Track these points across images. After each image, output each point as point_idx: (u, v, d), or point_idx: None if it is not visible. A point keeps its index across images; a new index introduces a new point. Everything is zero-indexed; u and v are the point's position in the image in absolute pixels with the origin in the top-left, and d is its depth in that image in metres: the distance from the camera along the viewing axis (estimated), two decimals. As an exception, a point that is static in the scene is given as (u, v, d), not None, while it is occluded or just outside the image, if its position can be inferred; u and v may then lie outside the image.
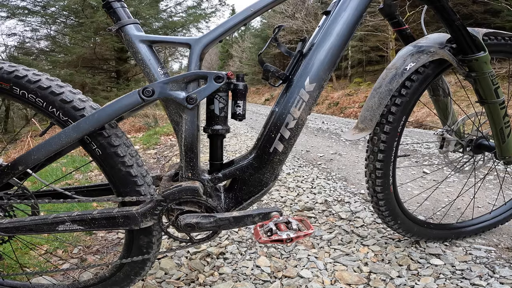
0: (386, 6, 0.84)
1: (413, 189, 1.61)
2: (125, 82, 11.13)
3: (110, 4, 0.63)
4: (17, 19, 9.83)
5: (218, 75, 0.56)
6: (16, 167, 0.53)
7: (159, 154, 3.10)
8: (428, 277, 0.85)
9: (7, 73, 0.55)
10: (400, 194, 1.54)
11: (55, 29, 10.59)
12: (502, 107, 0.79)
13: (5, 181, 0.55)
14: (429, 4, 0.77)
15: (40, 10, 9.83)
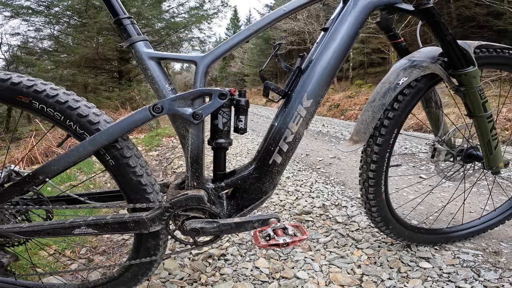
0: (383, 20, 0.88)
1: (409, 194, 1.65)
2: (127, 82, 11.17)
3: (120, 21, 0.68)
4: (20, 19, 9.90)
5: (222, 92, 0.61)
6: (37, 177, 0.58)
7: (161, 156, 3.15)
8: (417, 279, 0.90)
9: (26, 87, 0.60)
10: (396, 198, 1.59)
11: (59, 29, 10.65)
12: (490, 121, 0.84)
13: (26, 189, 0.60)
14: (423, 19, 0.81)
15: (43, 10, 9.90)
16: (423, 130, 5.09)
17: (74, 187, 2.04)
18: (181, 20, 11.95)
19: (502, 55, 0.90)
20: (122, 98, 9.86)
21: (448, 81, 0.79)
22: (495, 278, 0.89)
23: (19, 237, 0.61)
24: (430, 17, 0.79)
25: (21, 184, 0.59)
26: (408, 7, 0.80)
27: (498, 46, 0.89)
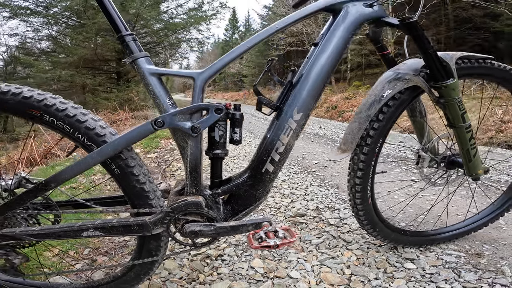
0: (372, 33, 0.94)
1: (400, 197, 1.71)
2: (125, 83, 11.17)
3: (123, 38, 0.73)
4: (19, 19, 9.90)
5: (218, 107, 0.67)
6: (49, 185, 0.64)
7: (160, 158, 3.20)
8: (401, 279, 0.96)
9: (37, 102, 0.65)
10: (388, 201, 1.65)
11: (57, 29, 10.64)
12: (468, 131, 0.90)
13: (39, 195, 0.66)
14: (407, 32, 0.86)
15: (42, 11, 9.90)
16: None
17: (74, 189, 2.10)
18: (180, 21, 11.97)
19: (484, 65, 0.94)
20: (120, 99, 9.86)
21: (430, 93, 0.85)
22: (475, 279, 0.95)
23: (31, 239, 0.66)
24: (413, 31, 0.84)
25: (34, 191, 0.64)
26: (394, 21, 0.86)
27: (479, 57, 0.94)
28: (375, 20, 0.86)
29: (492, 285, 0.92)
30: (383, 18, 0.86)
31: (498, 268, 1.01)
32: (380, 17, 0.85)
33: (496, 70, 0.96)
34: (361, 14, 0.82)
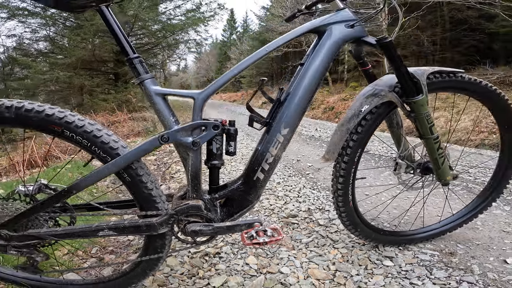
0: (354, 50, 1.05)
1: (386, 198, 1.83)
2: (123, 84, 11.21)
3: (131, 60, 0.83)
4: (17, 20, 9.92)
5: (215, 124, 0.78)
6: (71, 191, 0.74)
7: (159, 160, 3.30)
8: (379, 275, 1.07)
9: (58, 119, 0.75)
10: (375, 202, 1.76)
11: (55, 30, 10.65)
12: (436, 142, 1.01)
13: (61, 201, 0.76)
14: (382, 51, 0.95)
15: (40, 12, 9.92)
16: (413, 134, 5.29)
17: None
18: (178, 22, 12.02)
19: (455, 79, 1.02)
20: (119, 100, 9.90)
21: (402, 107, 0.95)
22: (444, 277, 1.06)
23: (54, 239, 0.76)
24: (387, 50, 0.94)
25: (58, 196, 0.75)
26: (372, 41, 0.95)
27: (450, 71, 1.02)
28: (355, 40, 0.97)
29: (459, 283, 1.03)
30: (362, 38, 0.96)
31: (468, 267, 1.12)
32: (360, 37, 0.96)
33: (466, 83, 1.04)
34: (343, 34, 0.93)
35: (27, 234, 0.76)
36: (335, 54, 0.93)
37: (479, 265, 1.12)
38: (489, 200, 1.25)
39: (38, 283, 0.96)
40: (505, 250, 1.23)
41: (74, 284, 0.97)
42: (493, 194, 1.25)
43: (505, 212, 1.61)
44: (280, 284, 1.06)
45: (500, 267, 1.11)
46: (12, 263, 1.10)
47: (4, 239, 0.76)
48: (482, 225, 1.45)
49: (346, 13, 0.95)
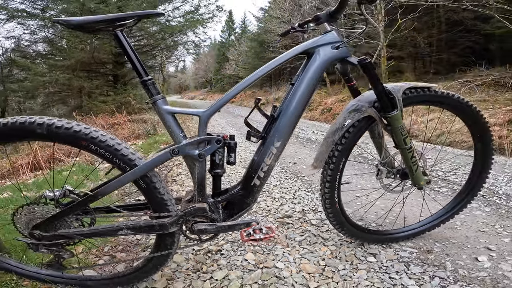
0: (340, 68, 1.17)
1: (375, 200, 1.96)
2: (122, 86, 11.28)
3: (145, 82, 0.96)
4: (16, 22, 9.98)
5: (218, 139, 0.91)
6: (97, 196, 0.87)
7: (161, 163, 3.42)
8: (363, 270, 1.20)
9: (85, 134, 0.88)
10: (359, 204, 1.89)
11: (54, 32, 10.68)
12: (409, 151, 1.14)
13: (88, 205, 0.89)
14: (362, 70, 1.06)
15: (39, 13, 9.99)
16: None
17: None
18: (176, 24, 12.11)
19: (429, 93, 1.15)
20: (118, 102, 9.96)
21: (380, 121, 1.09)
22: (419, 272, 1.19)
23: (81, 238, 0.89)
24: (367, 69, 1.06)
25: (86, 200, 0.88)
26: (354, 61, 1.07)
27: (424, 86, 1.14)
28: (340, 60, 1.09)
29: (432, 277, 1.16)
30: (346, 58, 1.08)
31: (442, 263, 1.25)
32: (344, 57, 1.08)
33: (440, 97, 1.16)
34: (329, 56, 1.06)
35: (58, 234, 0.89)
36: (322, 74, 1.06)
37: (452, 262, 1.25)
38: (464, 202, 1.39)
39: (61, 279, 1.08)
40: (478, 248, 1.36)
41: (92, 279, 1.09)
42: (468, 196, 1.38)
43: (484, 213, 1.75)
44: (275, 277, 1.19)
45: (471, 264, 1.24)
46: (35, 261, 1.22)
47: (36, 239, 0.89)
48: (461, 225, 1.59)
49: (333, 36, 1.07)
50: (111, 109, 9.11)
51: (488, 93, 7.33)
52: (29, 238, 0.90)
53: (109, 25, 0.92)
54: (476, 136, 1.27)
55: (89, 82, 9.99)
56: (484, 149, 1.28)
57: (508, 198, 1.98)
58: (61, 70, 9.63)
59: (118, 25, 0.93)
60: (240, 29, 32.18)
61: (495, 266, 1.22)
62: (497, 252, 1.32)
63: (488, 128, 1.24)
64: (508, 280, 1.13)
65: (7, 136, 0.85)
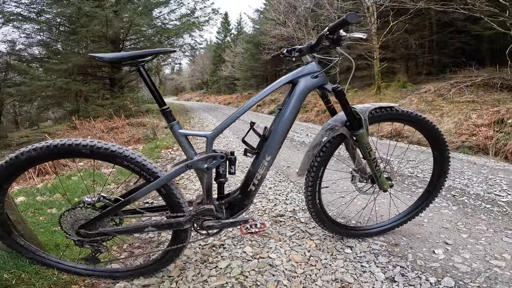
0: (320, 93, 1.40)
1: (358, 200, 2.23)
2: (120, 89, 11.40)
3: (164, 111, 1.20)
4: (12, 26, 10.06)
5: (222, 155, 1.17)
6: (129, 202, 1.12)
7: (163, 168, 3.66)
8: (340, 260, 1.46)
9: (119, 153, 1.12)
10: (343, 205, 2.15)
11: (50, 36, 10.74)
12: (374, 162, 1.40)
13: (121, 208, 1.14)
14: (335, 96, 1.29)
15: (35, 17, 10.08)
16: (398, 137, 5.73)
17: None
18: (172, 27, 12.25)
19: (391, 112, 1.37)
20: (116, 105, 10.08)
21: (351, 138, 1.35)
22: (385, 262, 1.44)
23: (116, 235, 1.14)
24: (338, 95, 1.30)
25: (122, 204, 1.12)
26: (329, 88, 1.30)
27: (387, 106, 1.37)
28: (319, 87, 1.35)
29: (395, 266, 1.40)
30: (323, 85, 1.33)
31: (404, 255, 1.49)
32: (322, 85, 1.34)
33: (400, 114, 1.40)
34: (309, 84, 1.31)
35: (99, 232, 1.14)
36: (304, 99, 1.31)
37: (413, 254, 1.49)
38: (426, 202, 1.65)
39: (94, 272, 1.31)
40: (438, 243, 1.59)
41: (119, 271, 1.34)
42: (430, 197, 1.64)
43: (451, 212, 2.00)
44: (269, 265, 1.45)
45: (429, 256, 1.48)
46: (70, 258, 1.46)
47: (83, 236, 1.14)
48: (428, 222, 1.84)
49: (312, 66, 1.32)
50: (109, 113, 9.22)
51: (477, 94, 7.61)
52: (76, 236, 1.15)
53: (133, 61, 1.15)
54: (433, 145, 1.53)
55: (87, 85, 10.07)
56: (440, 156, 1.54)
57: (477, 198, 2.22)
58: (58, 74, 9.68)
59: (140, 61, 1.17)
60: (236, 31, 32.38)
61: (448, 258, 1.45)
62: (453, 246, 1.56)
63: (444, 140, 1.50)
64: (456, 270, 1.36)
65: (59, 155, 1.09)
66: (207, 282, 1.33)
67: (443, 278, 1.30)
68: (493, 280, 1.28)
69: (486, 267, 1.37)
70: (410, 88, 9.41)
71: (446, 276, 1.31)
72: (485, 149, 5.19)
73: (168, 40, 12.78)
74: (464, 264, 1.40)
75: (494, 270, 1.34)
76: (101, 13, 8.89)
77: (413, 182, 2.66)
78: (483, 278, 1.29)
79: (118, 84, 11.45)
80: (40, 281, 1.24)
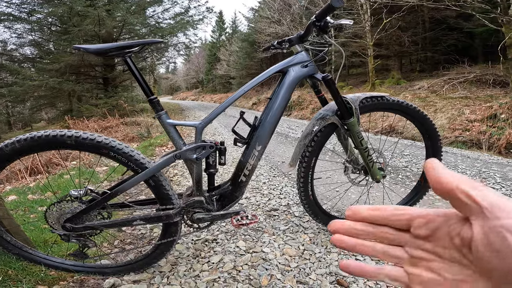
0: (310, 82, 1.39)
1: (352, 194, 2.22)
2: (113, 89, 11.30)
3: (152, 100, 1.18)
4: (2, 26, 9.92)
5: (211, 145, 1.14)
6: (116, 194, 1.09)
7: (158, 165, 3.62)
8: (334, 253, 1.44)
9: (105, 144, 1.08)
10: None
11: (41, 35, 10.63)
12: (365, 151, 1.39)
13: (108, 202, 1.11)
14: (325, 85, 1.29)
15: (26, 17, 9.95)
16: (393, 133, 5.75)
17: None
18: (166, 26, 12.18)
19: (381, 101, 1.37)
20: (110, 105, 10.00)
21: (342, 127, 1.33)
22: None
23: (103, 228, 1.11)
24: (328, 84, 1.29)
25: (108, 197, 1.09)
26: (319, 77, 1.30)
27: (377, 95, 1.36)
28: (309, 76, 1.33)
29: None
30: (313, 75, 1.32)
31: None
32: (312, 74, 1.32)
33: (391, 104, 1.39)
34: (299, 74, 1.29)
35: (86, 226, 1.10)
36: (294, 88, 1.29)
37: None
38: (419, 194, 1.64)
39: (83, 268, 1.29)
40: None
41: (109, 267, 1.31)
42: (423, 189, 1.64)
43: (446, 204, 2.00)
44: (262, 259, 1.43)
45: None
46: (58, 254, 1.43)
47: (68, 230, 1.10)
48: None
49: (302, 56, 1.30)
50: (102, 112, 9.15)
51: (470, 90, 7.69)
52: (62, 231, 1.11)
53: (120, 52, 1.13)
54: (425, 136, 1.52)
55: (79, 85, 9.98)
56: (433, 147, 1.53)
57: None
58: (50, 73, 9.58)
59: (127, 52, 1.14)
60: (231, 29, 32.29)
61: None
62: None
63: (435, 129, 1.49)
64: None
65: (43, 147, 1.06)
66: (199, 277, 1.31)
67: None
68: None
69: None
70: (404, 85, 9.48)
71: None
72: (479, 143, 5.23)
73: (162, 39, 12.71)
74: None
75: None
76: (93, 12, 8.80)
77: (407, 175, 2.66)
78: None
79: (111, 83, 11.36)
80: (28, 278, 1.21)
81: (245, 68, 21.12)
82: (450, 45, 10.42)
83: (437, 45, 10.91)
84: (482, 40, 9.69)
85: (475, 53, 10.20)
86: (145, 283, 1.25)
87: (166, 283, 1.25)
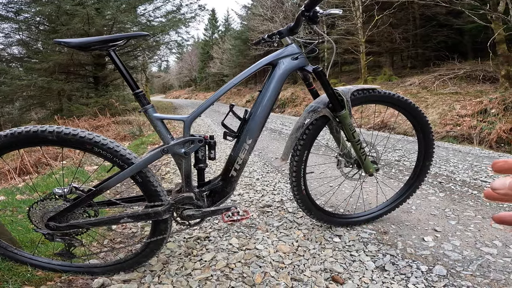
0: (301, 75, 1.36)
1: (346, 189, 2.20)
2: (104, 88, 11.14)
3: (137, 94, 1.14)
4: (-11, 25, 9.68)
5: (200, 139, 1.10)
6: (101, 190, 1.04)
7: (150, 163, 3.56)
8: (329, 249, 1.42)
9: (89, 139, 1.05)
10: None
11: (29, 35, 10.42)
12: (358, 144, 1.36)
13: (93, 199, 1.06)
14: (316, 77, 1.26)
15: (13, 17, 9.73)
16: (385, 128, 5.77)
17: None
18: (158, 24, 12.03)
19: (373, 93, 1.34)
20: (100, 104, 9.85)
21: (333, 120, 1.31)
22: (375, 250, 1.40)
23: (89, 227, 1.07)
24: (319, 76, 1.27)
25: (93, 194, 1.05)
26: (310, 69, 1.27)
27: (369, 88, 1.34)
28: (299, 68, 1.30)
29: (384, 255, 1.37)
30: (304, 67, 1.29)
31: (394, 243, 1.45)
32: (303, 66, 1.29)
33: (383, 96, 1.37)
34: (289, 66, 1.26)
35: (70, 224, 1.06)
36: (284, 81, 1.26)
37: (403, 242, 1.46)
38: (413, 188, 1.62)
39: (70, 268, 1.24)
40: (426, 230, 1.56)
41: (98, 266, 1.26)
42: (416, 183, 1.62)
43: (439, 198, 1.99)
44: (256, 257, 1.40)
45: (418, 244, 1.45)
46: (44, 254, 1.38)
47: (52, 229, 1.06)
48: (416, 209, 1.82)
49: (292, 48, 1.28)
50: (93, 111, 9.01)
51: (460, 86, 7.78)
52: (45, 230, 1.07)
53: (103, 45, 1.09)
54: (417, 129, 1.51)
55: (69, 84, 9.81)
56: (425, 139, 1.52)
57: (463, 184, 2.22)
58: (39, 73, 9.40)
59: (110, 45, 1.10)
60: (224, 27, 32.11)
61: (438, 246, 1.42)
62: (442, 233, 1.53)
63: (427, 122, 1.48)
64: (447, 258, 1.32)
65: (24, 143, 1.01)
66: (191, 275, 1.27)
67: (435, 266, 1.27)
68: (486, 268, 1.25)
69: (478, 254, 1.34)
70: (396, 81, 9.56)
71: (437, 264, 1.28)
72: (470, 138, 5.29)
73: (153, 37, 12.55)
74: (454, 251, 1.38)
75: (486, 258, 1.32)
76: (82, 11, 8.64)
77: (400, 170, 2.66)
78: (475, 266, 1.26)
79: (102, 82, 11.20)
80: (14, 278, 1.17)
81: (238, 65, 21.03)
82: (441, 41, 10.53)
83: (427, 41, 11.01)
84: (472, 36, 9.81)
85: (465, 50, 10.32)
86: (136, 283, 1.21)
87: (157, 282, 1.22)
